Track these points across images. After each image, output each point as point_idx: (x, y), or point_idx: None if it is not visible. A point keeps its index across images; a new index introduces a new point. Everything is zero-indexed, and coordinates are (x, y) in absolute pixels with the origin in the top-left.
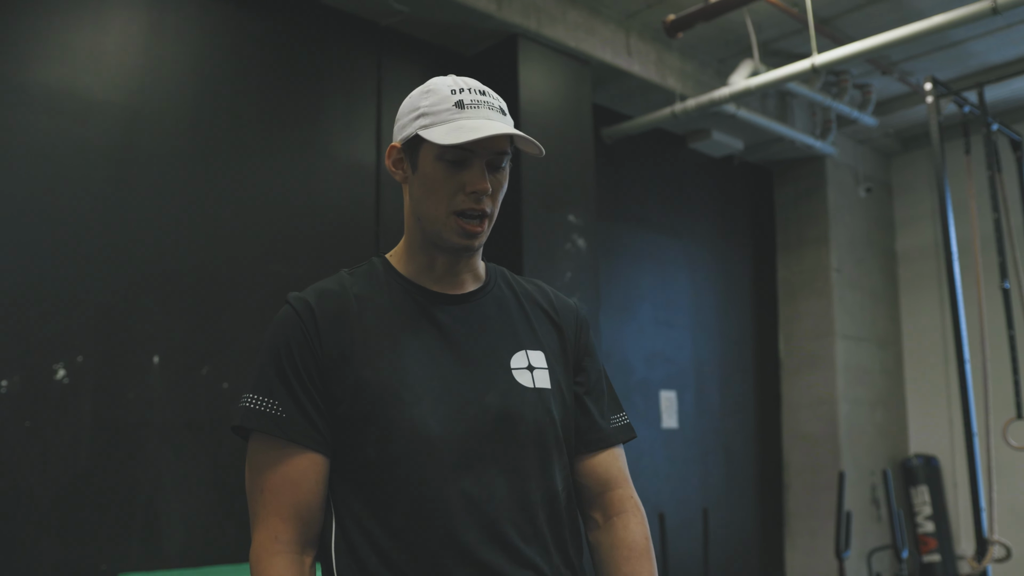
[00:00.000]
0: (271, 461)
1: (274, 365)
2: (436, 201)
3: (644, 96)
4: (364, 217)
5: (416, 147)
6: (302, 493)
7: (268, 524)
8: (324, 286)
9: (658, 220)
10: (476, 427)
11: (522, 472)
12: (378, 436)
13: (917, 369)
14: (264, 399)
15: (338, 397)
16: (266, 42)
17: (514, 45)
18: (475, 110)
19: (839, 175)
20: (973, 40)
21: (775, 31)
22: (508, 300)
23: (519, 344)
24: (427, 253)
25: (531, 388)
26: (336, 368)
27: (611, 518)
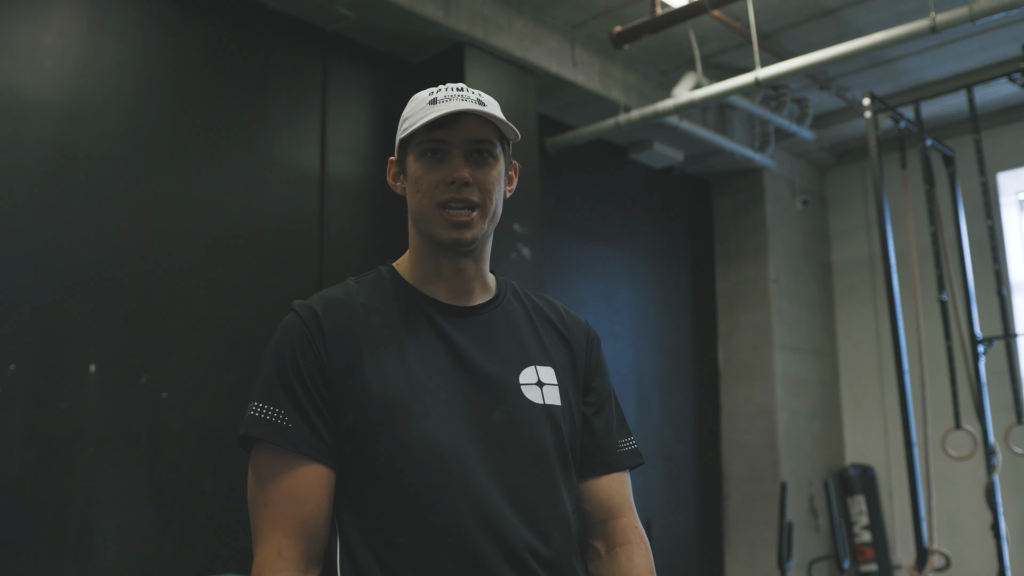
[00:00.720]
0: (275, 473)
1: (279, 374)
2: (421, 197)
3: (587, 106)
4: (308, 224)
5: (404, 154)
6: (307, 507)
7: (272, 540)
8: (330, 294)
9: (600, 230)
10: (484, 443)
11: (532, 491)
12: (386, 450)
13: (852, 380)
14: (270, 408)
15: (344, 409)
16: (210, 44)
17: (460, 53)
18: (447, 103)
19: (776, 187)
20: (908, 57)
21: (717, 45)
22: (518, 314)
23: (528, 359)
24: (432, 259)
25: (540, 404)
26: (342, 379)
27: (614, 548)
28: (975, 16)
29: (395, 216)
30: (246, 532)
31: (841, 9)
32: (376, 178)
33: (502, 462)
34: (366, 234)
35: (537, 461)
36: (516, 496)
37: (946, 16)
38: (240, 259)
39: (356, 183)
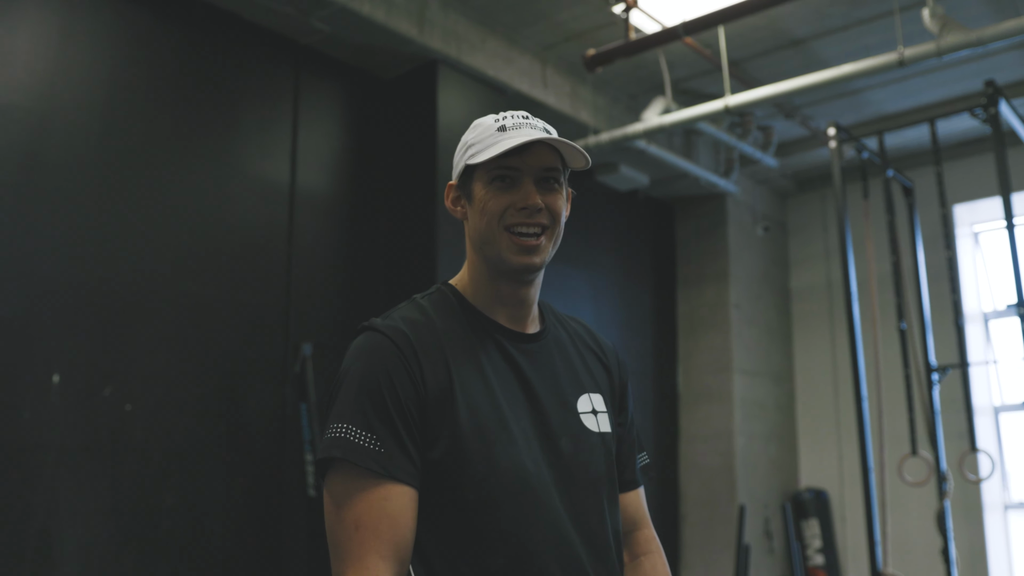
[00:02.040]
0: (367, 496)
1: (370, 397)
2: (489, 222)
3: (556, 128)
4: (276, 237)
5: (469, 179)
6: (401, 530)
7: (366, 563)
8: (410, 316)
9: (563, 250)
10: (555, 470)
11: (597, 515)
12: (479, 476)
13: (808, 404)
14: (360, 432)
15: (435, 434)
16: (182, 53)
17: (434, 71)
18: (517, 131)
19: (739, 213)
20: (872, 89)
21: (686, 71)
22: (565, 342)
23: (582, 387)
24: (493, 284)
25: (596, 432)
26: (436, 404)
27: (638, 557)
28: (942, 51)
29: (363, 231)
30: (207, 548)
31: (809, 40)
32: (346, 193)
33: (569, 489)
34: (334, 249)
35: (595, 488)
36: (580, 521)
37: (914, 51)
38: (208, 271)
39: (325, 197)
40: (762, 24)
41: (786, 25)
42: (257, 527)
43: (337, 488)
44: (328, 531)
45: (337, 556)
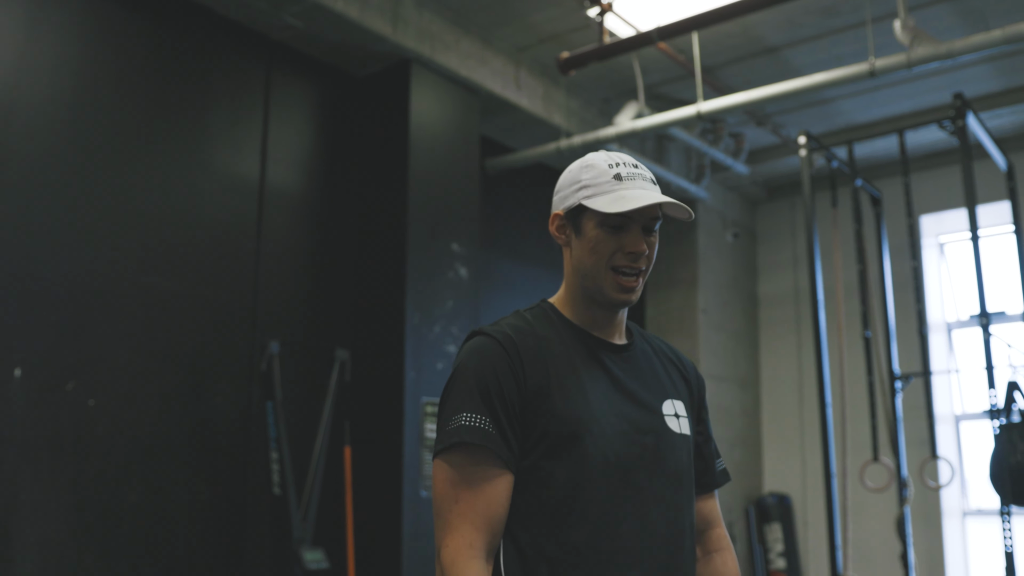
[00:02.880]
0: (472, 474)
1: (481, 391)
2: (597, 260)
3: (529, 130)
4: (245, 233)
5: (579, 215)
6: (496, 507)
7: (462, 531)
8: (516, 324)
9: (534, 253)
10: (643, 463)
11: (675, 507)
12: (570, 462)
13: (774, 410)
14: (477, 416)
15: (534, 424)
16: (152, 46)
17: (407, 69)
18: (631, 181)
19: (709, 219)
20: (843, 99)
21: (659, 76)
22: (650, 354)
23: (666, 393)
24: (588, 307)
25: (678, 433)
26: (535, 399)
27: (711, 553)
28: (912, 63)
29: (333, 229)
30: (170, 546)
31: (782, 48)
32: (316, 190)
33: (653, 480)
34: (303, 246)
35: (678, 482)
36: (662, 508)
37: (885, 62)
38: (175, 267)
39: (295, 194)
40: (736, 31)
41: (759, 33)
42: (221, 526)
43: (449, 465)
44: (434, 501)
45: (439, 525)
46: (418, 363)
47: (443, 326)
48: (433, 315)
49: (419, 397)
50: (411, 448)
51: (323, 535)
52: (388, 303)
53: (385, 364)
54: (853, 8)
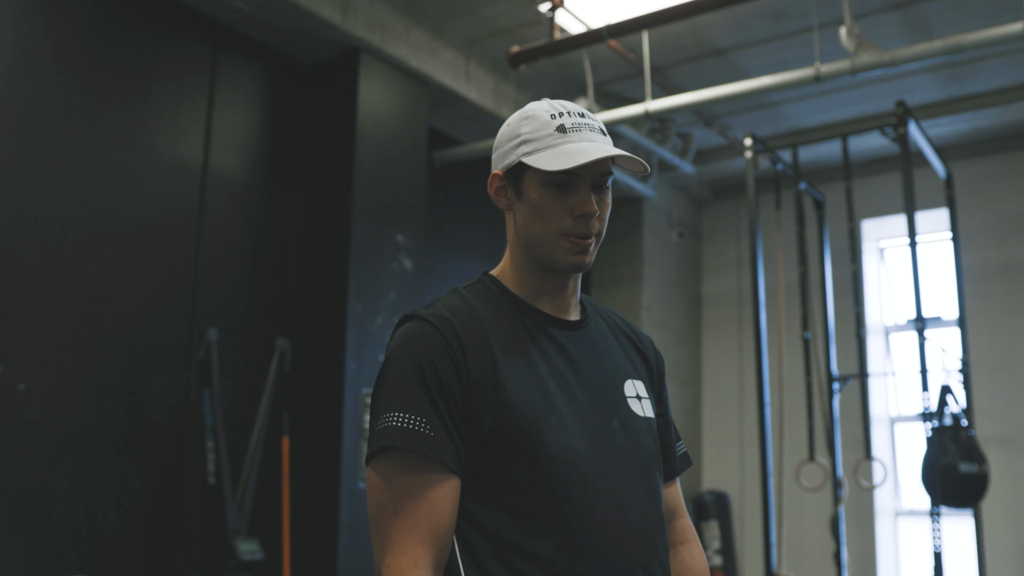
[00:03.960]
0: (412, 482)
1: (417, 383)
2: (545, 225)
3: (477, 123)
4: (186, 219)
5: (519, 174)
6: (441, 517)
7: (405, 548)
8: (453, 304)
9: (481, 247)
10: (609, 452)
11: (648, 499)
12: (527, 460)
13: (714, 409)
14: (411, 416)
15: (480, 418)
16: (92, 24)
17: (356, 58)
18: (577, 133)
19: (655, 218)
20: (789, 103)
21: (609, 73)
22: (605, 330)
23: (626, 373)
24: (537, 276)
25: (642, 416)
26: (479, 388)
27: (676, 546)
28: (857, 70)
29: (277, 216)
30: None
31: (731, 51)
32: (260, 176)
33: (622, 470)
34: (245, 233)
35: (649, 470)
36: (635, 502)
37: (830, 67)
38: (112, 251)
39: (239, 180)
40: (685, 32)
41: (709, 35)
42: (154, 515)
43: (382, 474)
44: (370, 515)
45: (378, 541)
46: (359, 354)
47: (386, 317)
48: (376, 306)
49: (359, 388)
50: (350, 439)
51: (259, 526)
52: (330, 293)
53: (326, 354)
54: (801, 13)
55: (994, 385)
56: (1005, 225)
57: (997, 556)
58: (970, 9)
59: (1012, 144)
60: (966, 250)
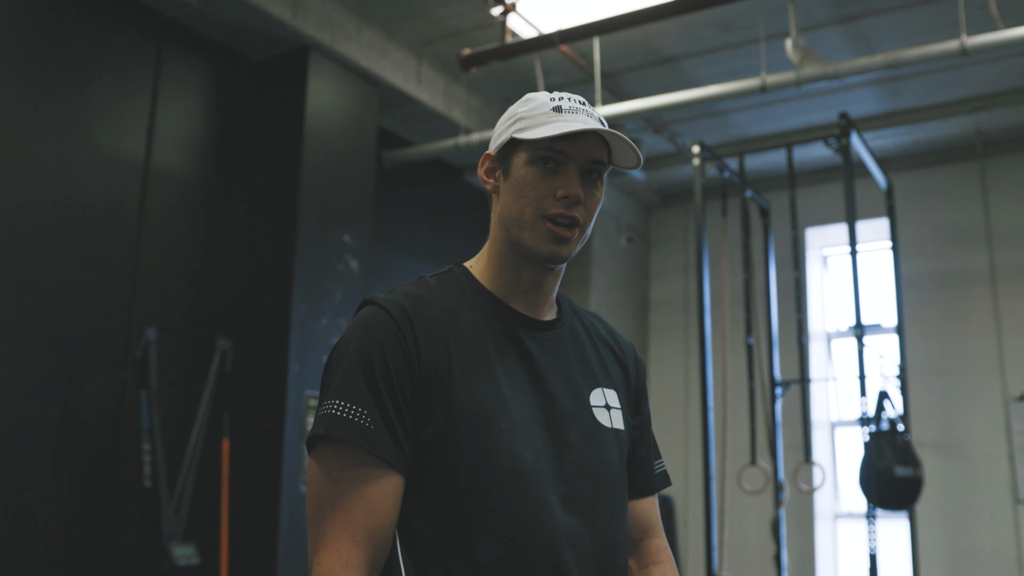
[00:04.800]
0: (349, 477)
1: (363, 372)
2: (525, 204)
3: (428, 125)
4: (126, 215)
5: (510, 152)
6: (379, 516)
7: (338, 547)
8: (414, 292)
9: (429, 248)
10: (562, 463)
11: (605, 516)
12: (472, 463)
13: (659, 413)
14: (352, 407)
15: (428, 416)
16: (32, 14)
17: (305, 56)
18: (573, 115)
19: (604, 223)
20: (737, 112)
21: (561, 78)
22: (580, 333)
23: (596, 381)
24: (513, 267)
25: (609, 428)
26: (430, 383)
27: (647, 567)
28: (801, 81)
29: (221, 215)
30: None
31: (681, 59)
32: (204, 174)
33: (579, 483)
34: (188, 230)
35: (607, 484)
36: (588, 518)
37: (776, 78)
38: (48, 246)
39: (183, 177)
40: (636, 39)
41: (659, 43)
42: (87, 518)
43: (320, 465)
44: (307, 507)
45: (312, 536)
46: (303, 355)
47: (331, 318)
48: (321, 307)
49: (303, 390)
50: (292, 442)
51: (196, 530)
52: (274, 293)
53: (268, 355)
54: (749, 25)
55: (930, 391)
56: (943, 235)
57: (931, 557)
58: (911, 26)
59: (950, 157)
60: (905, 259)
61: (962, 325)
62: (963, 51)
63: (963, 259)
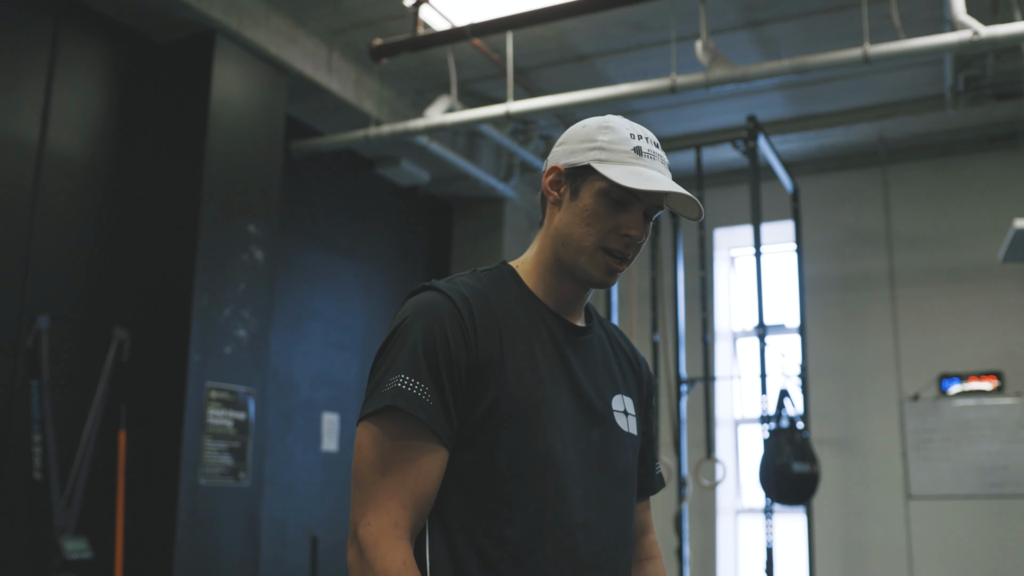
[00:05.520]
0: (404, 446)
1: (426, 353)
2: (588, 233)
3: (338, 115)
4: (19, 199)
5: (582, 176)
6: (427, 485)
7: (388, 508)
8: (472, 284)
9: (337, 241)
10: (586, 458)
11: (619, 511)
12: (513, 447)
13: None
14: (415, 382)
15: (478, 399)
16: None
17: (211, 41)
18: (651, 160)
19: (516, 218)
20: (648, 112)
21: (474, 72)
22: (605, 342)
23: (616, 388)
24: (557, 278)
25: (627, 432)
26: (484, 370)
27: (642, 561)
28: (710, 83)
29: (120, 201)
30: None
31: (594, 57)
32: (103, 158)
33: (598, 479)
34: (85, 216)
35: (622, 483)
36: (604, 512)
37: (685, 79)
38: None
39: (79, 161)
40: (550, 36)
41: (572, 40)
42: None
43: (377, 432)
44: (356, 471)
45: (359, 497)
46: (204, 346)
47: (234, 309)
48: (223, 297)
49: (203, 381)
50: (191, 434)
51: (90, 524)
52: (175, 282)
53: (168, 346)
54: (660, 26)
55: (829, 390)
56: (845, 239)
57: (826, 551)
58: (817, 33)
59: (855, 162)
60: (809, 261)
61: (861, 327)
62: (866, 59)
63: (864, 262)
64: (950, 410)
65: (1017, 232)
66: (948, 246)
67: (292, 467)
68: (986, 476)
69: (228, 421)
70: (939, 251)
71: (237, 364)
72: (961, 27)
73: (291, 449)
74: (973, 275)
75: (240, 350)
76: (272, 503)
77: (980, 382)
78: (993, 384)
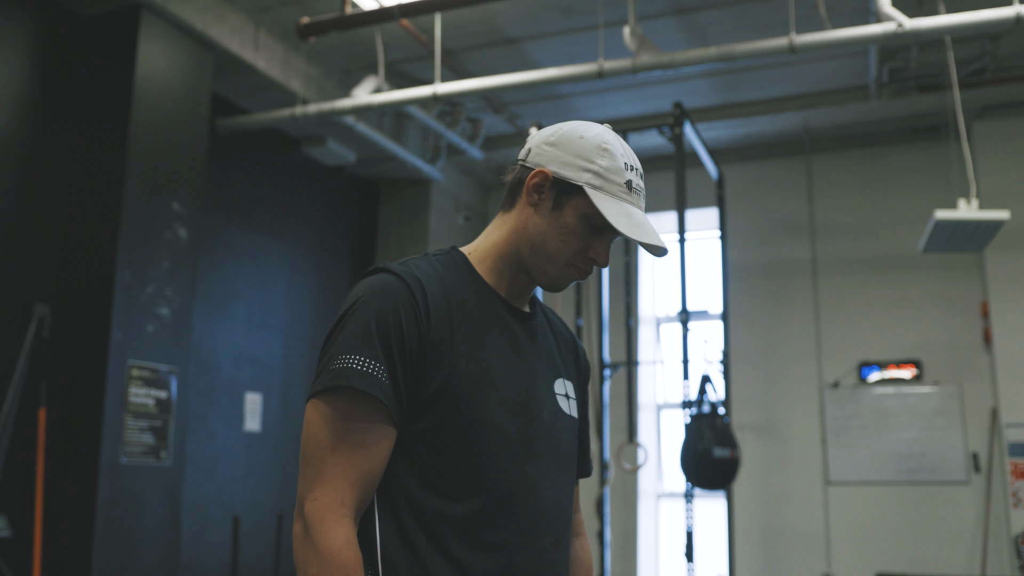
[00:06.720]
0: (354, 425)
1: (379, 333)
2: (562, 249)
3: (265, 93)
4: None
5: (569, 193)
6: (374, 463)
7: (335, 485)
8: (424, 267)
9: (262, 220)
10: (535, 439)
11: (562, 488)
12: (462, 427)
13: None
14: (369, 362)
15: (429, 380)
16: None
17: (136, 15)
18: (638, 198)
19: (442, 200)
20: (575, 96)
21: (402, 53)
22: (546, 328)
23: (558, 372)
24: (513, 271)
25: (568, 415)
26: (435, 351)
27: (571, 537)
28: (637, 69)
29: (41, 177)
30: None
31: (522, 41)
32: (24, 133)
33: (544, 458)
34: (5, 191)
35: (565, 463)
36: (551, 489)
37: (613, 64)
38: None
39: (0, 136)
40: (478, 18)
41: (501, 23)
42: None
43: (327, 409)
44: (304, 448)
45: (307, 473)
46: (126, 324)
47: (157, 287)
48: (146, 275)
49: (125, 359)
50: (112, 412)
51: (9, 502)
52: (97, 259)
53: (89, 323)
54: (589, 11)
55: (751, 376)
56: (769, 226)
57: (746, 535)
58: (745, 22)
59: (779, 151)
60: (733, 248)
61: (783, 314)
62: (792, 48)
63: (787, 251)
64: (869, 398)
65: (937, 223)
66: (870, 235)
67: (214, 447)
68: (903, 463)
69: (150, 399)
70: (861, 240)
71: (159, 342)
72: (886, 19)
73: (213, 429)
74: (894, 265)
75: (162, 328)
76: (194, 483)
77: (899, 370)
78: (912, 373)
